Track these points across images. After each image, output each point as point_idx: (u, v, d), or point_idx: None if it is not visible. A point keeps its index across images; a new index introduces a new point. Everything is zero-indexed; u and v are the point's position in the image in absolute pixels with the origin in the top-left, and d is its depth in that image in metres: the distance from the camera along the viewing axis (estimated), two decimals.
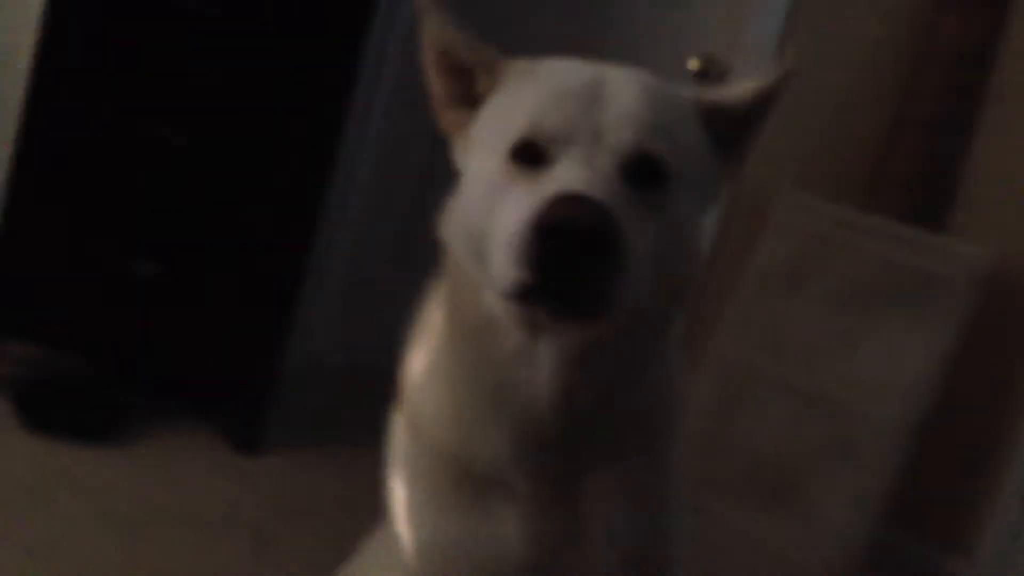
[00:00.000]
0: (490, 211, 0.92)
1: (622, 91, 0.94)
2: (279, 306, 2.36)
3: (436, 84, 1.05)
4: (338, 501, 2.24)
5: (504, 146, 0.94)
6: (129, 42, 2.23)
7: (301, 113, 2.29)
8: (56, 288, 2.30)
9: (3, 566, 1.71)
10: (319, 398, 2.88)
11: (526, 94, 0.96)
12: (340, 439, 2.53)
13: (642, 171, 0.91)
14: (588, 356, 0.95)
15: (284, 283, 2.36)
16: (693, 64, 3.01)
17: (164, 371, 2.36)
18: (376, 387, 1.22)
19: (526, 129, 0.92)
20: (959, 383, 2.94)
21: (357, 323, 3.08)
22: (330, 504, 2.23)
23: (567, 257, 0.82)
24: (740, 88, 1.04)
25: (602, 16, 3.11)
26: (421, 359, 1.09)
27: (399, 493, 1.10)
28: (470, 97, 1.03)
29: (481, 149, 0.99)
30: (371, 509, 1.25)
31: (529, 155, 0.92)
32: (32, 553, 1.75)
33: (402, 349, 1.15)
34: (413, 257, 1.38)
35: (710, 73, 3.01)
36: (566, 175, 0.88)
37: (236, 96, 2.26)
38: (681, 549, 1.15)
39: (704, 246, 1.00)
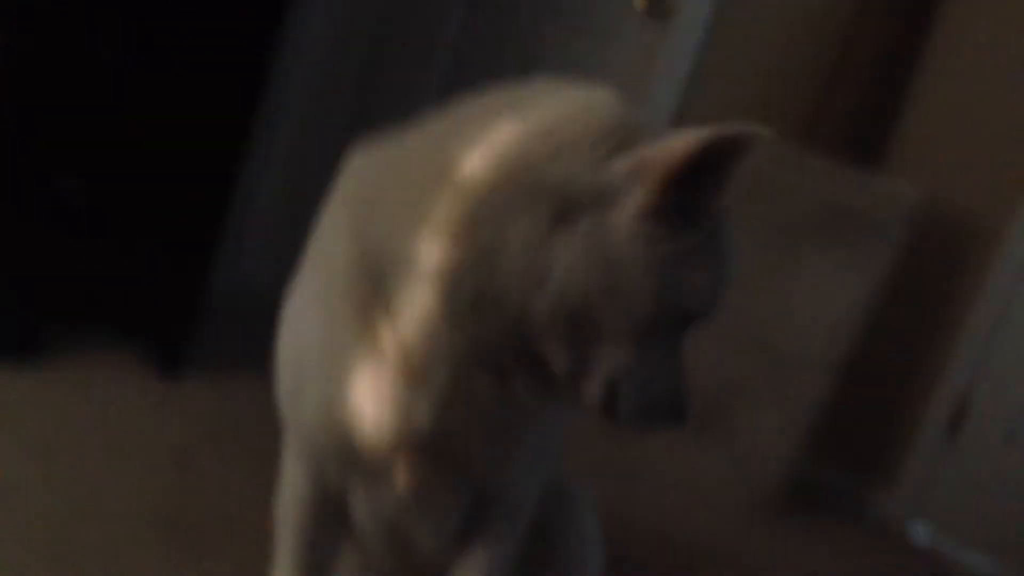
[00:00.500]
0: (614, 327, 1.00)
1: None
2: (207, 226, 2.31)
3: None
4: (263, 425, 2.20)
5: (670, 300, 0.99)
6: None
7: (235, 32, 2.22)
8: None
9: None
10: (248, 322, 2.83)
11: (714, 263, 1.02)
12: (268, 363, 2.49)
13: None
14: None
15: (213, 204, 2.31)
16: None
17: (87, 291, 2.30)
18: None
19: (691, 305, 1.01)
20: (888, 320, 2.99)
21: (288, 246, 3.02)
22: (254, 428, 2.21)
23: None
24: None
25: None
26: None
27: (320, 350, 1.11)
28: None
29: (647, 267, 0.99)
30: None
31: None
32: None
33: None
34: None
35: (656, 8, 2.97)
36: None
37: (169, 12, 2.18)
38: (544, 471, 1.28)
39: None
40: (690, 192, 0.97)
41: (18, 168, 2.20)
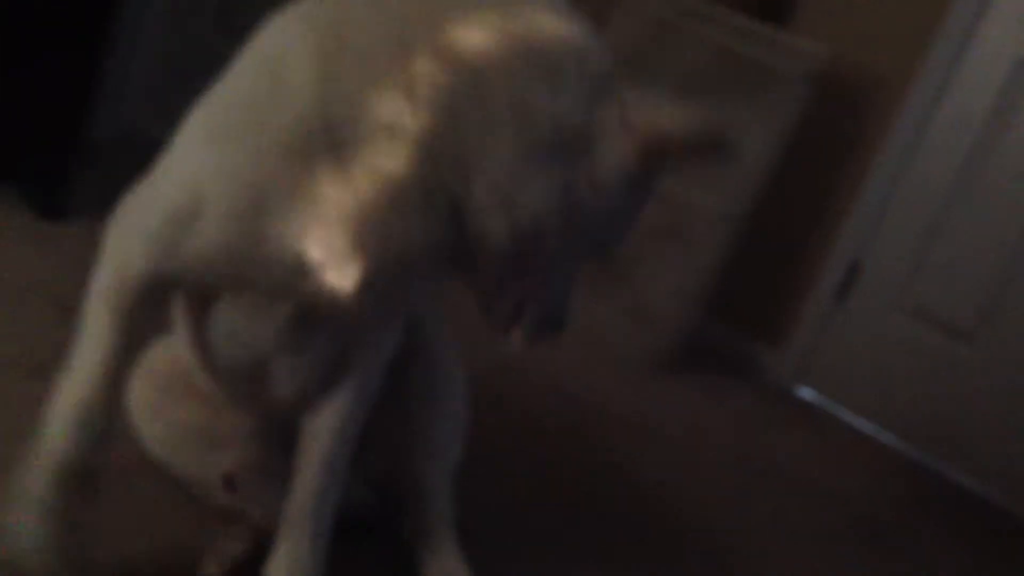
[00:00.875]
0: None
1: None
2: (89, 67, 2.20)
3: None
4: None
5: None
6: None
7: None
8: None
9: None
10: (132, 168, 2.72)
11: (641, 211, 1.12)
12: None
13: None
14: None
15: (94, 44, 2.19)
16: None
17: None
18: None
19: (617, 249, 1.14)
20: (787, 179, 3.01)
21: (175, 92, 2.91)
22: None
23: None
24: None
25: None
26: None
27: None
28: None
29: None
30: None
31: None
32: None
33: None
34: (238, 23, 1.27)
35: None
36: None
37: None
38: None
39: None
40: (664, 160, 1.04)
41: None
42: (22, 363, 1.67)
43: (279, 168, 1.01)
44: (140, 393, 1.43)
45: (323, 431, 1.27)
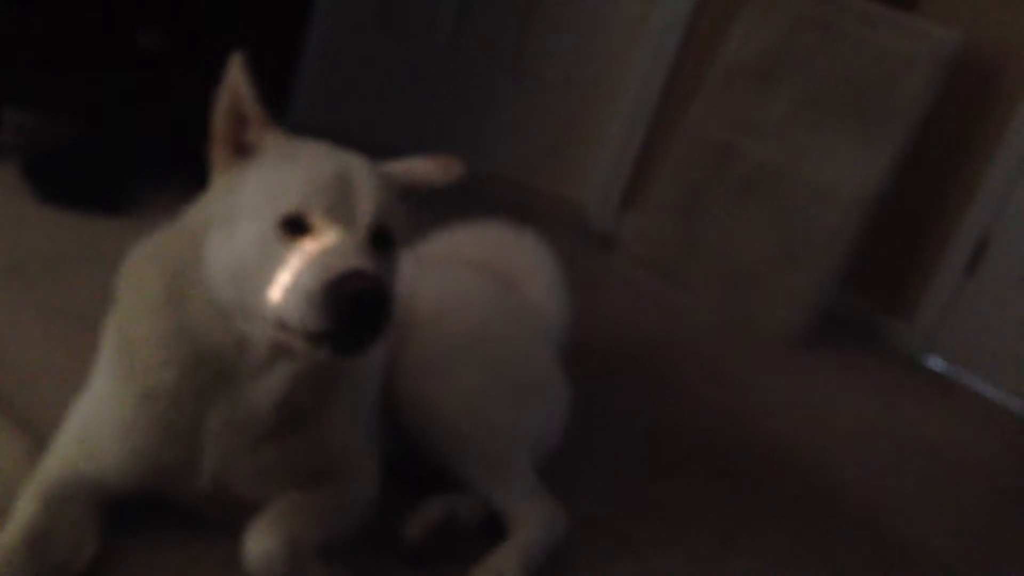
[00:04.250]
0: (261, 265, 1.21)
1: (364, 180, 1.27)
2: (275, 77, 2.41)
3: (220, 123, 1.28)
4: None
5: (274, 215, 1.21)
6: None
7: None
8: (57, 54, 2.32)
9: (27, 328, 1.77)
10: None
11: (293, 176, 1.24)
12: None
13: (381, 239, 1.26)
14: (314, 370, 1.31)
15: (280, 55, 2.44)
16: None
17: (170, 138, 2.36)
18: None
19: (297, 208, 1.21)
20: (917, 161, 3.04)
21: (356, 92, 3.19)
22: None
23: (360, 316, 1.17)
24: (417, 170, 1.38)
25: None
26: (144, 318, 1.32)
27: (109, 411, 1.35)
28: (240, 144, 1.29)
29: (251, 211, 1.24)
30: None
31: (297, 226, 1.20)
32: (57, 317, 1.82)
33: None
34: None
35: None
36: (337, 244, 1.20)
37: None
38: (354, 454, 1.50)
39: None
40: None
41: (100, 20, 2.31)
42: None
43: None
44: None
45: None
